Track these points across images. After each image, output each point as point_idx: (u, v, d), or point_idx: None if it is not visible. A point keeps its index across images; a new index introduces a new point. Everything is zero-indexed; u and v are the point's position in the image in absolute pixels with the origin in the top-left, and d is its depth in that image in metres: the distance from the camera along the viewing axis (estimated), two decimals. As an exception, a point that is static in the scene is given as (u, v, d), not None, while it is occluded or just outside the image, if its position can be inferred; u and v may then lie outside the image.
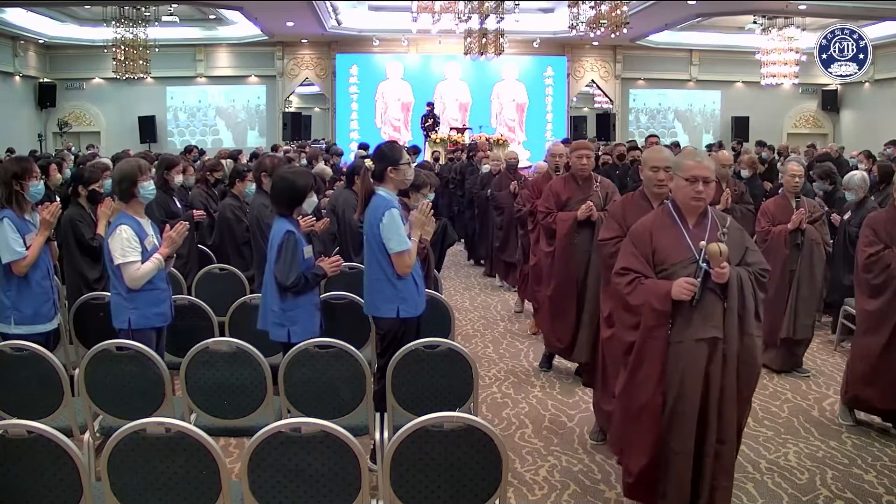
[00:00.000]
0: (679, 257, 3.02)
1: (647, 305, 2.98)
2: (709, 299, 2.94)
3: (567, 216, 4.89)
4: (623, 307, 3.10)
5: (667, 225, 3.09)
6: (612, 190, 4.99)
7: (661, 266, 3.04)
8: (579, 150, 5.01)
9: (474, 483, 2.41)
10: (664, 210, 3.16)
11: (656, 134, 10.50)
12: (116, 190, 3.73)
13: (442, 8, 13.81)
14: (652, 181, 3.64)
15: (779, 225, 5.33)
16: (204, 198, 6.14)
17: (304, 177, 3.84)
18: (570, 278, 4.89)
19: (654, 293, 2.97)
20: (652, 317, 2.98)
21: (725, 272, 2.90)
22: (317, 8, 14.48)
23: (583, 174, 4.98)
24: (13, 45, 16.08)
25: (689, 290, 2.89)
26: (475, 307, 7.65)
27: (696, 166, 3.01)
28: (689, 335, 2.94)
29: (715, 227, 3.06)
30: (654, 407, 3.00)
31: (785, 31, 15.53)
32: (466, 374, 3.27)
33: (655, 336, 2.98)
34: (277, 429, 2.33)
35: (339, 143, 16.66)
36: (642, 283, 3.02)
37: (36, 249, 3.79)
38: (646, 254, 3.06)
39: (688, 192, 3.02)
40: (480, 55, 14.43)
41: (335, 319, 4.03)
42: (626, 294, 3.06)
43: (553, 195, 5.07)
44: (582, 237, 4.82)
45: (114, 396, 3.24)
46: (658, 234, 3.07)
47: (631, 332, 3.08)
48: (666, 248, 3.04)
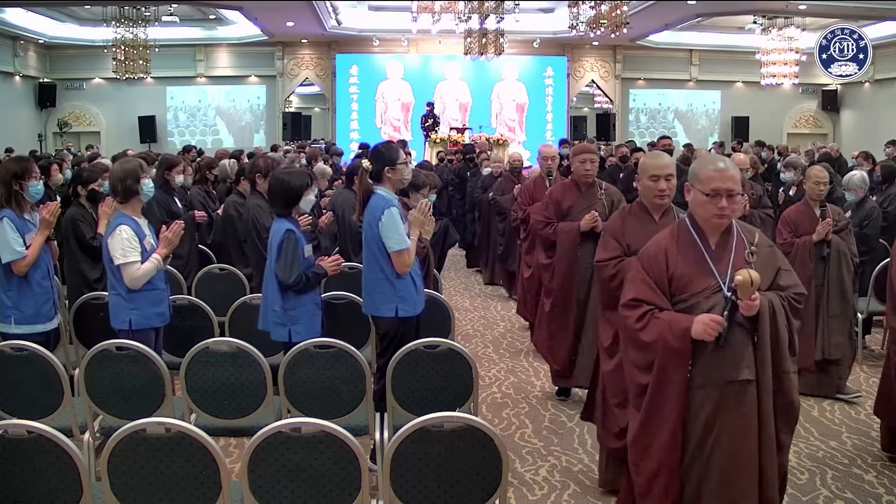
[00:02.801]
0: (701, 285, 2.55)
1: (662, 343, 2.52)
2: (737, 334, 2.48)
3: (569, 227, 4.52)
4: (634, 344, 2.64)
5: (685, 245, 2.61)
6: (618, 198, 4.58)
7: (680, 296, 2.58)
8: (582, 153, 4.64)
9: (474, 483, 2.41)
10: (681, 227, 2.67)
11: (668, 136, 9.59)
12: (119, 188, 3.72)
13: (442, 8, 13.81)
14: (651, 192, 3.26)
15: (802, 235, 4.88)
16: (202, 197, 6.15)
17: (300, 177, 3.85)
18: (571, 295, 4.51)
19: (671, 329, 2.51)
20: (668, 357, 2.52)
21: (756, 304, 2.44)
22: (317, 8, 14.48)
23: (586, 180, 4.60)
24: (13, 45, 16.07)
25: (713, 330, 2.44)
26: (475, 307, 7.65)
27: (718, 177, 2.51)
28: (713, 378, 2.49)
29: (741, 245, 2.58)
30: (672, 464, 2.55)
31: (785, 31, 15.53)
32: (466, 374, 3.27)
33: (673, 379, 2.52)
34: (277, 429, 2.33)
35: (339, 143, 16.66)
36: (657, 317, 2.56)
37: (36, 249, 3.79)
38: (660, 281, 2.60)
39: (709, 210, 2.54)
40: (480, 55, 14.43)
41: (335, 319, 4.04)
42: (638, 329, 2.59)
43: (553, 203, 4.67)
44: (585, 250, 4.39)
45: (114, 396, 3.24)
46: (675, 258, 2.60)
47: (643, 374, 2.61)
48: (685, 274, 2.58)
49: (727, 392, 2.49)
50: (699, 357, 2.50)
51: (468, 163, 10.60)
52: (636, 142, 14.50)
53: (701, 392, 2.51)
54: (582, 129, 18.24)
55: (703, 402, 2.51)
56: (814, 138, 16.83)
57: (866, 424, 4.48)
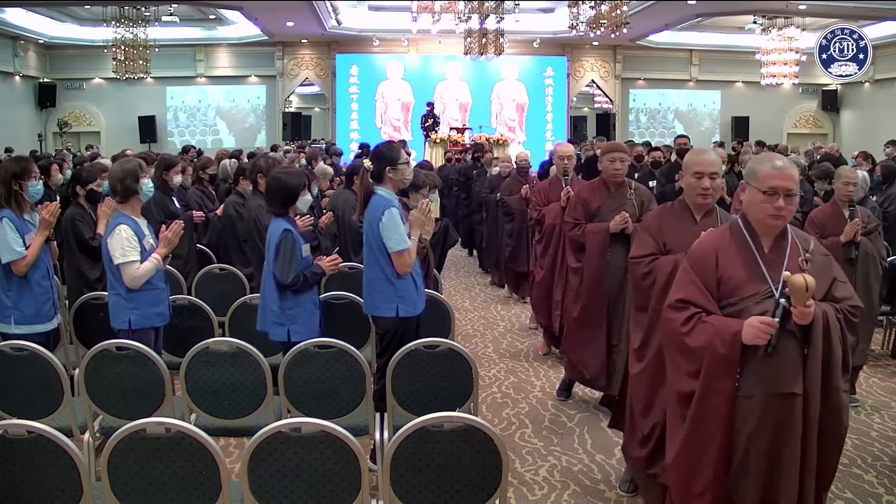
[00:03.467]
0: (752, 289, 2.43)
1: (710, 349, 2.38)
2: (787, 344, 2.34)
3: (598, 228, 4.36)
4: (678, 349, 2.50)
5: (737, 247, 2.49)
6: (648, 198, 4.43)
7: (729, 300, 2.45)
8: (613, 152, 4.45)
9: (474, 483, 2.41)
10: (733, 228, 2.55)
11: (685, 135, 9.33)
12: (119, 188, 3.73)
13: (442, 8, 13.81)
14: (695, 189, 3.13)
15: (829, 237, 4.74)
16: (199, 197, 6.15)
17: (297, 176, 3.86)
18: (601, 299, 4.34)
19: (720, 335, 2.37)
20: (716, 364, 2.38)
21: (810, 311, 2.29)
22: (317, 8, 14.48)
23: (616, 180, 4.42)
24: (13, 45, 16.07)
25: (765, 334, 2.30)
26: (475, 307, 7.65)
27: (777, 175, 2.41)
28: (761, 389, 2.35)
29: (796, 251, 2.46)
30: (719, 483, 2.42)
31: (785, 31, 15.53)
32: (466, 374, 3.27)
33: (720, 388, 2.38)
34: (277, 429, 2.33)
35: (339, 143, 16.67)
36: (704, 321, 2.43)
37: (35, 249, 3.79)
38: (709, 283, 2.47)
39: (764, 209, 2.42)
40: (480, 55, 14.43)
41: (335, 319, 4.04)
42: (684, 334, 2.45)
43: (581, 204, 4.49)
44: (615, 252, 4.25)
45: (114, 396, 3.24)
46: (725, 259, 2.48)
47: (688, 381, 2.46)
48: (735, 276, 2.45)
49: (772, 405, 2.34)
50: (746, 365, 2.37)
51: (476, 162, 10.45)
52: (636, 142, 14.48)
53: (746, 403, 2.37)
54: (582, 129, 18.25)
55: (748, 414, 2.37)
56: (814, 138, 16.83)
57: (866, 424, 4.48)
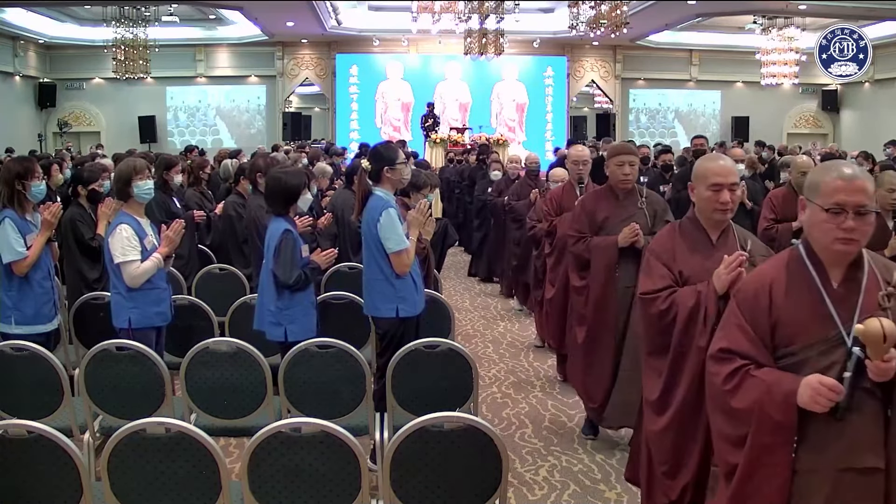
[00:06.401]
0: (815, 336, 1.90)
1: (758, 412, 1.90)
2: (863, 406, 1.84)
3: (604, 242, 3.85)
4: (722, 410, 2.02)
5: (797, 282, 1.97)
6: (661, 207, 3.93)
7: (786, 348, 1.94)
8: (620, 155, 3.92)
9: (474, 483, 2.41)
10: (792, 257, 2.01)
11: (702, 136, 8.39)
12: (114, 189, 3.75)
13: (442, 8, 13.81)
14: (711, 204, 2.60)
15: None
16: (198, 198, 6.15)
17: (297, 176, 3.86)
18: (608, 322, 3.86)
19: (771, 393, 1.88)
20: (766, 432, 1.90)
21: (892, 367, 1.79)
22: (317, 8, 14.48)
23: (624, 187, 3.92)
24: (13, 45, 16.06)
25: (826, 399, 1.81)
26: (475, 307, 7.65)
27: (844, 187, 1.89)
28: (828, 462, 1.86)
29: (875, 284, 1.92)
30: None
31: (785, 31, 15.53)
32: (466, 374, 3.27)
33: (771, 462, 1.89)
34: (277, 429, 2.33)
35: (339, 143, 16.64)
36: (752, 376, 1.94)
37: (37, 250, 3.79)
38: (761, 327, 1.97)
39: (828, 233, 1.90)
40: (480, 55, 14.43)
41: (335, 319, 4.04)
42: (727, 392, 1.97)
43: (586, 214, 3.99)
44: (624, 269, 3.77)
45: (114, 396, 3.24)
46: (782, 297, 1.96)
47: (734, 451, 1.97)
48: (794, 319, 1.93)
49: (844, 483, 1.84)
50: (807, 432, 1.88)
51: (481, 164, 9.95)
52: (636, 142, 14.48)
53: (808, 480, 1.87)
54: (582, 129, 18.24)
55: (811, 494, 1.87)
56: (814, 138, 16.84)
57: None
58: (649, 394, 2.67)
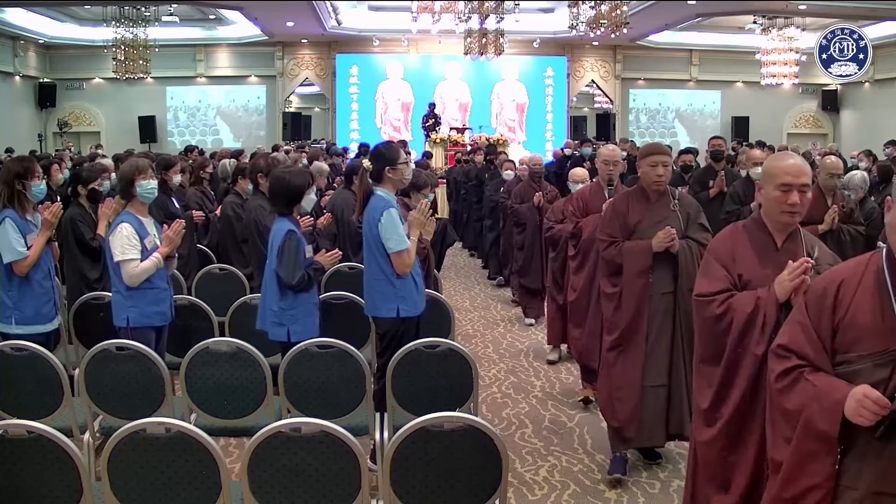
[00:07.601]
0: (876, 345, 1.79)
1: (805, 418, 1.83)
2: None
3: (637, 247, 3.64)
4: (775, 406, 1.95)
5: (869, 287, 1.84)
6: (695, 210, 3.78)
7: (846, 354, 1.84)
8: (653, 155, 3.71)
9: (474, 483, 2.41)
10: (872, 262, 1.88)
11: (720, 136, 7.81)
12: (118, 188, 3.75)
13: (442, 8, 13.81)
14: (779, 206, 2.43)
15: None
16: (199, 198, 6.15)
17: (300, 175, 3.85)
18: (640, 331, 3.62)
19: (820, 400, 1.80)
20: (809, 438, 1.82)
21: None
22: (317, 8, 14.48)
23: (657, 188, 3.73)
24: (13, 45, 16.07)
25: (870, 413, 1.72)
26: (475, 307, 7.65)
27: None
28: (868, 483, 1.76)
29: None
30: None
31: (785, 31, 15.53)
32: (466, 374, 3.28)
33: (814, 469, 1.81)
34: (277, 429, 2.33)
35: (340, 143, 16.66)
36: (806, 379, 1.86)
37: (37, 249, 3.79)
38: (823, 329, 1.88)
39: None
40: (480, 55, 14.43)
41: (335, 319, 4.04)
42: (779, 390, 1.91)
43: (617, 217, 3.77)
44: (659, 275, 3.59)
45: (114, 396, 3.24)
46: (849, 300, 1.85)
47: (783, 448, 1.91)
48: (858, 324, 1.83)
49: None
50: (851, 447, 1.78)
51: (489, 165, 9.72)
52: (636, 142, 14.48)
53: (848, 496, 1.78)
54: (582, 129, 18.24)
55: None
56: (814, 138, 16.84)
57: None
58: (699, 402, 2.55)
